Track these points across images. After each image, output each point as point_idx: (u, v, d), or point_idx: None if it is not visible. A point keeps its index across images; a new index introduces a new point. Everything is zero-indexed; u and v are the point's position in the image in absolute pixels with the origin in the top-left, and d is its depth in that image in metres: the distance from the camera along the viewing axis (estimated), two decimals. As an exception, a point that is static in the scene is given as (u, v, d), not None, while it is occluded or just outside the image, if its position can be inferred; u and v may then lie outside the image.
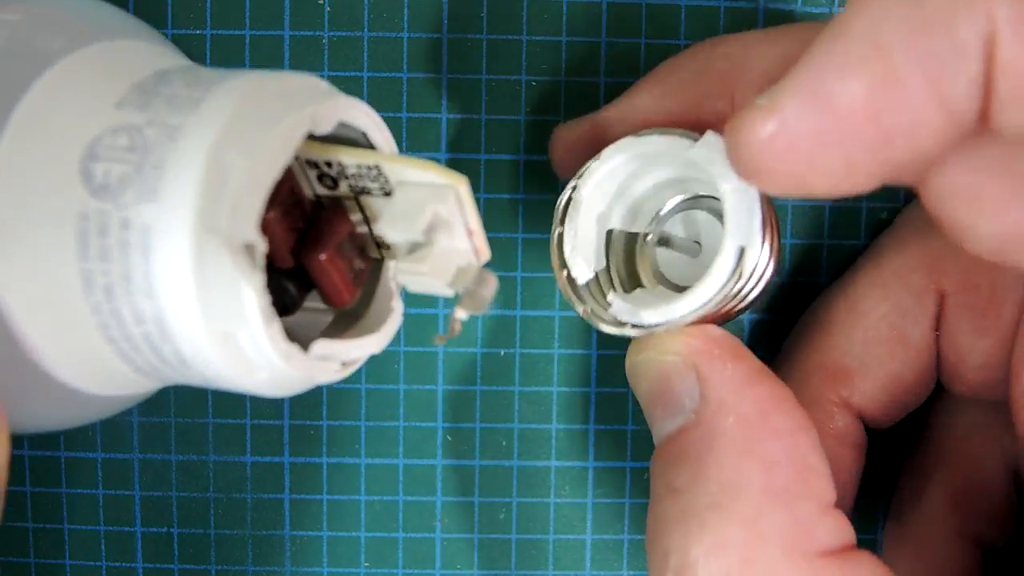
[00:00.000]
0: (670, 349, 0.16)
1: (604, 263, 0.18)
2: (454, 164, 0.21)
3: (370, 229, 0.15)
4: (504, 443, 0.21)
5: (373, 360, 0.21)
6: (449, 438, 0.21)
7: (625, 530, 0.22)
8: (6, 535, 0.21)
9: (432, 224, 0.14)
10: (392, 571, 0.21)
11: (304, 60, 0.20)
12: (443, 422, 0.21)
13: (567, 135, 0.19)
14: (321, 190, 0.15)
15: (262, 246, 0.12)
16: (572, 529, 0.22)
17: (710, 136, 0.16)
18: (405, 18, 0.20)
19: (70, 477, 0.21)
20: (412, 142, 0.21)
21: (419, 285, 0.15)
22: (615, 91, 0.21)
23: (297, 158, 0.14)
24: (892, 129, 0.13)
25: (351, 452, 0.21)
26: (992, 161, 0.14)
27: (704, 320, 0.16)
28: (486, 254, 0.15)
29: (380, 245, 0.15)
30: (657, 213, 0.19)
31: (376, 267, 0.15)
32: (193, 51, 0.20)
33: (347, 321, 0.15)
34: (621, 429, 0.21)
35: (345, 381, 0.17)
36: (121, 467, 0.21)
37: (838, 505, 0.15)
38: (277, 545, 0.21)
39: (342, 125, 0.14)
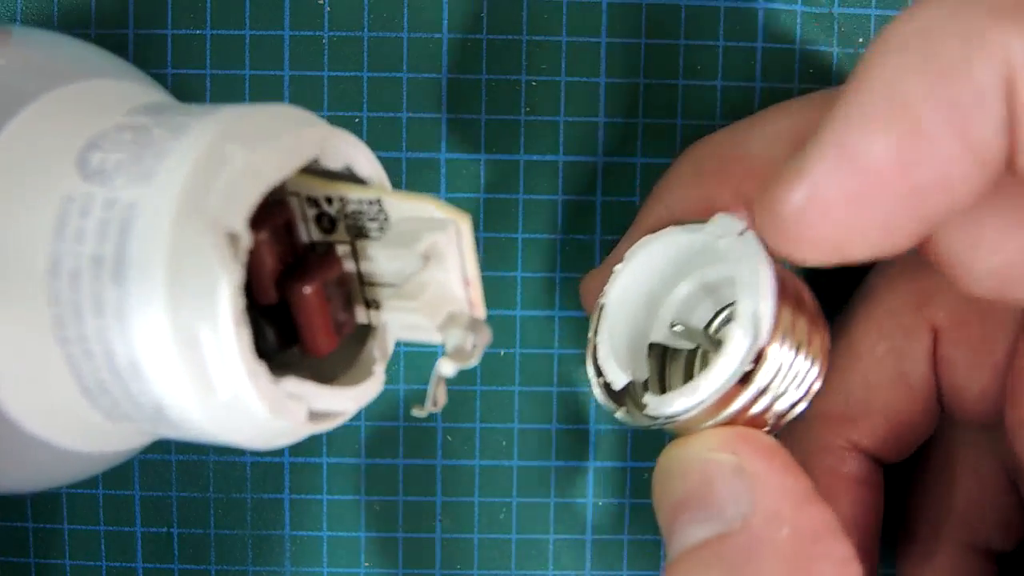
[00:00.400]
0: (715, 445, 0.15)
1: (645, 372, 0.18)
2: (454, 165, 0.21)
3: (361, 281, 0.14)
4: (504, 443, 0.21)
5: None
6: (449, 438, 0.21)
7: (625, 530, 0.22)
8: (6, 535, 0.21)
9: (428, 253, 0.13)
10: (392, 571, 0.21)
11: (304, 60, 0.20)
12: (443, 422, 0.21)
13: (594, 283, 0.19)
14: (317, 235, 0.14)
15: (247, 240, 0.12)
16: (572, 529, 0.22)
17: (717, 217, 0.16)
18: (405, 18, 0.20)
19: (70, 477, 0.21)
20: (412, 143, 0.21)
21: (407, 329, 0.14)
22: (615, 91, 0.21)
23: (298, 195, 0.14)
24: (925, 182, 0.13)
25: (351, 452, 0.21)
26: (987, 195, 0.14)
27: (745, 421, 0.16)
28: (481, 311, 0.14)
29: (369, 304, 0.14)
30: (707, 329, 0.18)
31: (362, 336, 0.15)
32: (193, 52, 0.20)
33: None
34: (621, 429, 0.21)
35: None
36: (121, 467, 0.21)
37: (865, 543, 0.15)
38: (277, 545, 0.21)
39: (347, 168, 0.14)
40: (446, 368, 0.14)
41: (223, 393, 0.12)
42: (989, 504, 0.19)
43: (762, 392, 0.15)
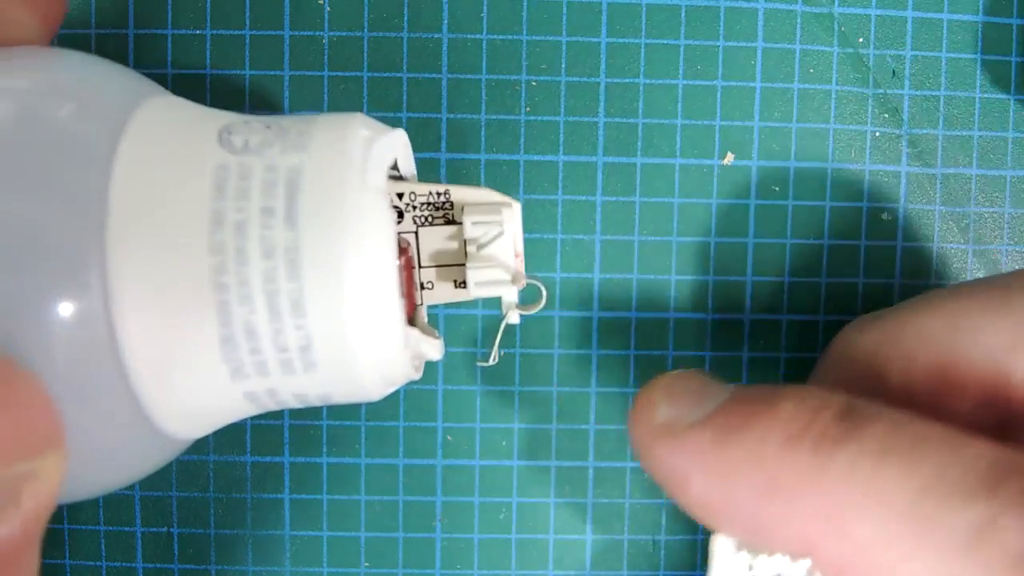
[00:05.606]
0: None
1: None
2: (454, 164, 0.21)
3: (419, 267, 0.17)
4: (504, 443, 0.21)
5: (373, 360, 0.21)
6: (449, 438, 0.21)
7: (625, 530, 0.22)
8: (6, 535, 0.21)
9: (502, 220, 0.17)
10: (392, 571, 0.21)
11: (304, 60, 0.20)
12: (443, 422, 0.21)
13: (677, 451, 0.15)
14: None
15: (392, 199, 0.15)
16: (572, 529, 0.22)
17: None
18: (405, 18, 0.20)
19: (70, 477, 0.21)
20: (412, 142, 0.21)
21: (486, 285, 0.17)
22: (615, 91, 0.21)
23: None
24: None
25: (351, 452, 0.21)
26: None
27: None
28: (522, 281, 0.17)
29: (423, 287, 0.17)
30: None
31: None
32: (193, 51, 0.20)
33: None
34: (621, 429, 0.21)
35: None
36: (121, 467, 0.21)
37: None
38: (277, 545, 0.21)
39: (394, 165, 0.16)
40: (513, 317, 0.18)
41: (379, 332, 0.14)
42: None
43: None
